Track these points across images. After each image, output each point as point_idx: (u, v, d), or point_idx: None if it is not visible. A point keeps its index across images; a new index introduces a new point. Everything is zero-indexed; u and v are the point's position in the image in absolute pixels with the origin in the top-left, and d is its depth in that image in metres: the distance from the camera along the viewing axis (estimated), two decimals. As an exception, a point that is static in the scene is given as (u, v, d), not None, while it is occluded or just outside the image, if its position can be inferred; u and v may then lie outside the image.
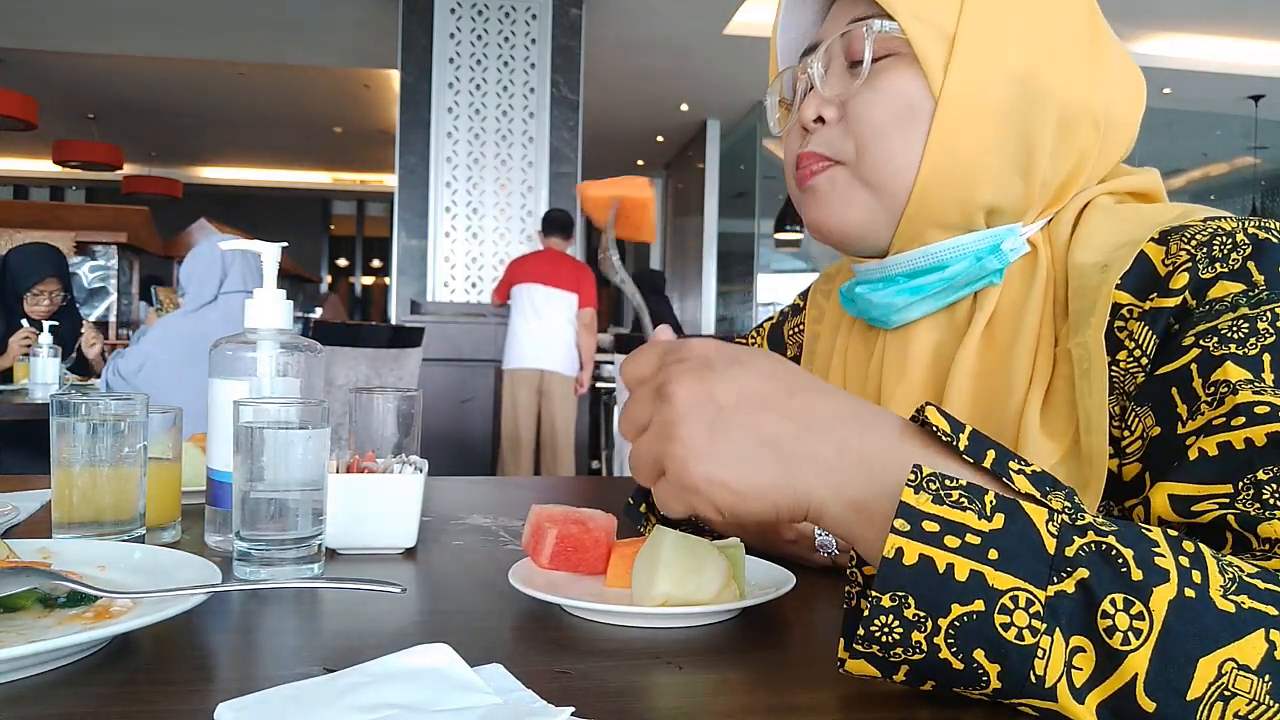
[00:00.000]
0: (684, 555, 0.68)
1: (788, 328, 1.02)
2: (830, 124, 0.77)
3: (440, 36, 6.19)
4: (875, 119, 0.74)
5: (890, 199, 0.75)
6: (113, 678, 0.56)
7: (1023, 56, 0.73)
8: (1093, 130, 0.75)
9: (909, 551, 0.48)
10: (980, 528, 0.48)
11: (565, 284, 4.92)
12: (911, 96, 0.73)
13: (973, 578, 0.47)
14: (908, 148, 0.74)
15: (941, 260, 0.76)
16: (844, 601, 0.56)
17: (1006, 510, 0.48)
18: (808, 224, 0.81)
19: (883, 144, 0.74)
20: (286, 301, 0.93)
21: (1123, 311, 0.68)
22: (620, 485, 1.68)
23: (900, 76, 0.74)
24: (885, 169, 0.75)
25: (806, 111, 0.78)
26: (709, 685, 0.58)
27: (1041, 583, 0.47)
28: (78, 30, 7.65)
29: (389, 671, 0.53)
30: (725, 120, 10.12)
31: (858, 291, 0.81)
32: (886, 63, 0.75)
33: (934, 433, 0.53)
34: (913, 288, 0.77)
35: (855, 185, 0.76)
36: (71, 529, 0.85)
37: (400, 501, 0.88)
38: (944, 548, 0.48)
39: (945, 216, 0.75)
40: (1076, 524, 0.49)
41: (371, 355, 3.80)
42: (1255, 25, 7.09)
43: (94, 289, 9.44)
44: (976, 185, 0.74)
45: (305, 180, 14.54)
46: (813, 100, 0.78)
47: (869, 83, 0.75)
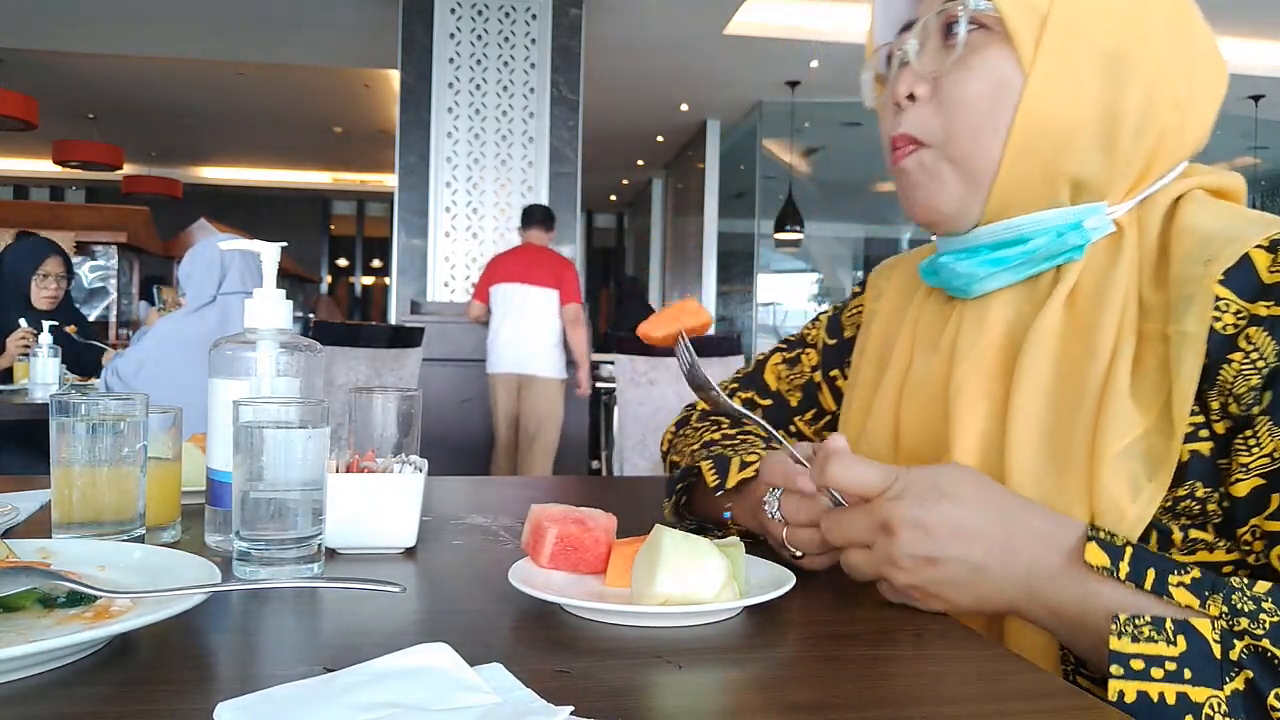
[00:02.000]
0: (684, 554, 0.68)
1: (846, 314, 1.06)
2: (922, 101, 0.80)
3: (440, 36, 6.19)
4: (966, 96, 0.78)
5: (978, 175, 0.79)
6: (112, 677, 0.56)
7: (1111, 34, 0.75)
8: (1173, 110, 0.77)
9: (1128, 691, 0.59)
10: (1172, 654, 0.59)
11: (545, 280, 4.72)
12: (1002, 73, 0.76)
13: (1179, 698, 0.58)
14: (996, 123, 0.77)
15: (1024, 233, 0.79)
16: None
17: (1184, 632, 0.60)
18: (901, 202, 0.85)
19: (972, 120, 0.77)
20: (286, 301, 0.93)
21: (1220, 304, 0.70)
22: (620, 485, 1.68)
23: (991, 53, 0.77)
24: (973, 145, 0.78)
25: (900, 87, 0.81)
26: (709, 684, 0.59)
27: (1219, 685, 0.58)
28: (78, 30, 7.65)
29: (389, 671, 0.53)
30: (725, 120, 10.11)
31: (941, 261, 0.84)
32: (978, 39, 0.78)
33: (1097, 570, 0.64)
34: (995, 259, 0.80)
35: (943, 164, 0.80)
36: (71, 529, 0.85)
37: (400, 501, 0.88)
38: (1152, 679, 0.59)
39: (1031, 189, 0.78)
40: (1234, 630, 0.59)
41: (371, 355, 3.80)
42: (1255, 25, 7.08)
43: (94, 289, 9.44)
44: (1062, 157, 0.77)
45: (305, 180, 14.53)
46: (906, 76, 0.81)
47: (962, 59, 0.78)
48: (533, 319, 4.74)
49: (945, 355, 0.84)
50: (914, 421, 0.86)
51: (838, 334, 1.05)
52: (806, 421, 1.07)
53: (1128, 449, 0.69)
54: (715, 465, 0.93)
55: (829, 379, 1.05)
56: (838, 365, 1.04)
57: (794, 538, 0.80)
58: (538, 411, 4.82)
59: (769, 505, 0.82)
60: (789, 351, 1.10)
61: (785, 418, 1.08)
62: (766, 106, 9.44)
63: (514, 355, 4.76)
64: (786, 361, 1.09)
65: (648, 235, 13.54)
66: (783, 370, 1.09)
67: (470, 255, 6.18)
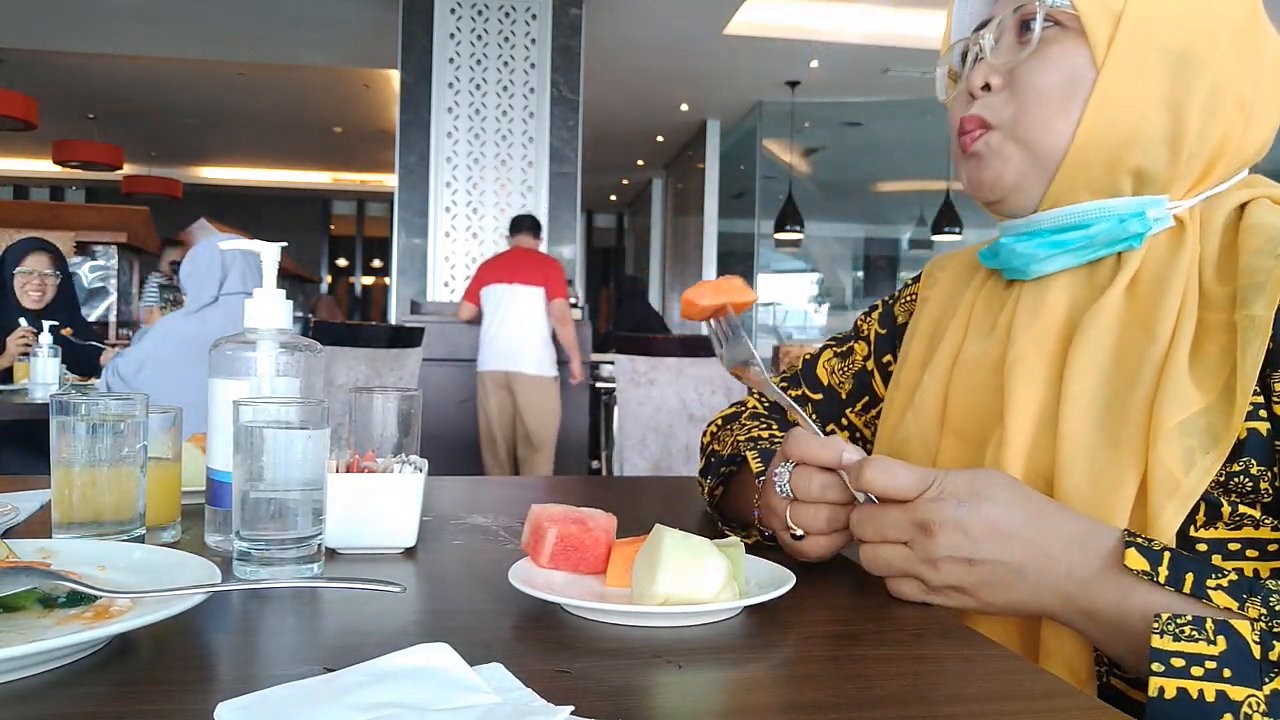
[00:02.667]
0: (684, 554, 0.68)
1: (899, 305, 1.07)
2: (995, 91, 0.83)
3: (440, 36, 6.19)
4: (1040, 86, 0.81)
5: (1044, 158, 0.81)
6: (112, 677, 0.56)
7: (1181, 35, 0.78)
8: (1238, 111, 0.80)
9: (1168, 688, 0.60)
10: (1212, 653, 0.60)
11: (530, 278, 4.78)
12: (1075, 66, 0.80)
13: (1219, 696, 0.59)
14: (1067, 114, 0.80)
15: (1086, 219, 0.81)
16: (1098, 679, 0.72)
17: (1224, 632, 0.61)
18: (966, 185, 0.88)
19: (1043, 109, 0.81)
20: (286, 301, 0.93)
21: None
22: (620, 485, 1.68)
23: (1066, 48, 0.80)
24: (1043, 131, 0.81)
25: (975, 78, 0.84)
26: (709, 684, 0.59)
27: (1259, 685, 0.59)
28: (78, 30, 7.65)
29: (389, 671, 0.53)
30: (725, 120, 10.11)
31: (1001, 243, 0.87)
32: (1052, 34, 0.81)
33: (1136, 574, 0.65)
34: (1055, 241, 0.82)
35: (1010, 144, 0.83)
36: (71, 529, 0.85)
37: (400, 501, 0.88)
38: (1191, 677, 0.60)
39: (1095, 178, 0.81)
40: (1273, 631, 0.61)
41: (371, 355, 3.80)
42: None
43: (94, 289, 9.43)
44: (1128, 150, 0.79)
45: (305, 180, 14.53)
46: (981, 68, 0.84)
47: (1036, 52, 0.81)
48: (519, 317, 4.79)
49: (1001, 335, 0.85)
50: (963, 399, 0.87)
51: (890, 323, 1.07)
52: (857, 412, 1.07)
53: (1185, 424, 0.70)
54: (761, 456, 0.93)
55: (881, 365, 1.06)
56: (890, 350, 1.05)
57: (798, 515, 0.80)
58: (530, 409, 4.83)
59: (779, 478, 0.82)
60: (840, 346, 1.11)
61: (836, 411, 1.09)
62: (766, 106, 9.44)
63: (502, 353, 4.80)
64: (838, 355, 1.10)
65: (648, 235, 13.54)
66: (835, 364, 1.10)
67: (470, 255, 6.18)
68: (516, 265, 4.85)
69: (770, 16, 7.22)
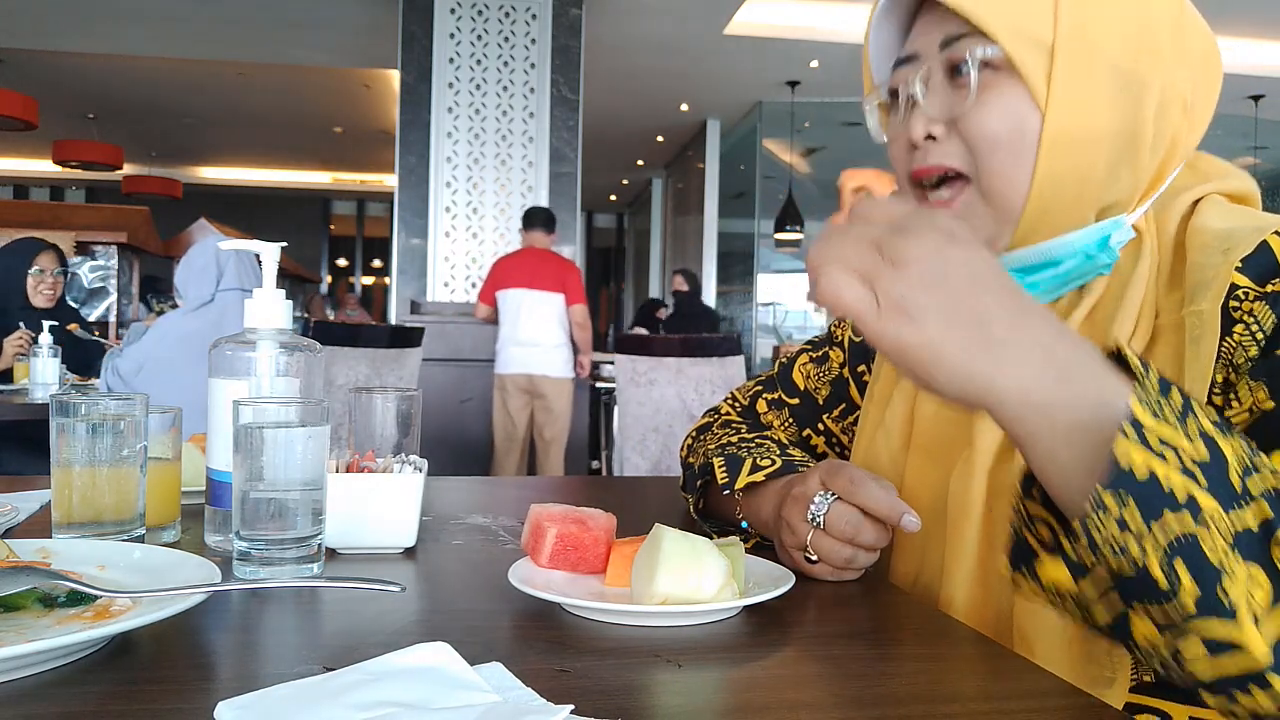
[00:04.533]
0: (683, 554, 0.68)
1: None
2: (941, 140, 0.79)
3: (440, 36, 6.18)
4: (988, 134, 0.76)
5: (1009, 211, 0.78)
6: (112, 677, 0.56)
7: (1120, 52, 0.75)
8: (1183, 114, 0.78)
9: (1139, 463, 0.49)
10: (1192, 453, 0.50)
11: (549, 285, 4.84)
12: (1019, 110, 0.75)
13: (1188, 498, 0.49)
14: (1021, 161, 0.76)
15: (1054, 256, 0.78)
16: (1013, 529, 0.58)
17: (1207, 442, 0.51)
18: None
19: (1000, 157, 0.76)
20: (286, 301, 0.93)
21: (1239, 292, 0.69)
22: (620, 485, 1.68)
23: (1005, 91, 0.76)
24: (1003, 182, 0.77)
25: (915, 130, 0.79)
26: (708, 684, 0.59)
27: (1228, 508, 0.50)
28: (78, 30, 7.65)
29: (388, 670, 0.53)
30: (725, 120, 10.12)
31: None
32: (988, 78, 0.76)
33: (1128, 368, 0.54)
34: (1027, 285, 0.78)
35: (979, 204, 0.78)
36: (71, 529, 0.85)
37: (400, 501, 0.88)
38: (1166, 463, 0.50)
39: (1060, 215, 0.77)
40: (1255, 466, 0.52)
41: (371, 355, 3.80)
42: (1255, 25, 7.09)
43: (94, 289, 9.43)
44: (1089, 183, 0.76)
45: (305, 180, 14.53)
46: (919, 119, 0.79)
47: (977, 100, 0.77)
48: (540, 322, 4.84)
49: None
50: (930, 419, 0.86)
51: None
52: (834, 418, 1.07)
53: None
54: (727, 463, 0.93)
55: (856, 374, 1.05)
56: (864, 360, 1.04)
57: (821, 545, 0.80)
58: (555, 411, 4.90)
59: (816, 507, 0.81)
60: (815, 351, 1.10)
61: (813, 416, 1.08)
62: (766, 106, 9.44)
63: (525, 357, 4.85)
64: (814, 360, 1.09)
65: (648, 235, 13.54)
66: (810, 369, 1.10)
67: (470, 255, 6.18)
68: (535, 270, 4.88)
69: (770, 16, 7.22)
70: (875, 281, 0.54)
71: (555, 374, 4.88)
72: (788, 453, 0.96)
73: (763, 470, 0.90)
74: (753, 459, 0.92)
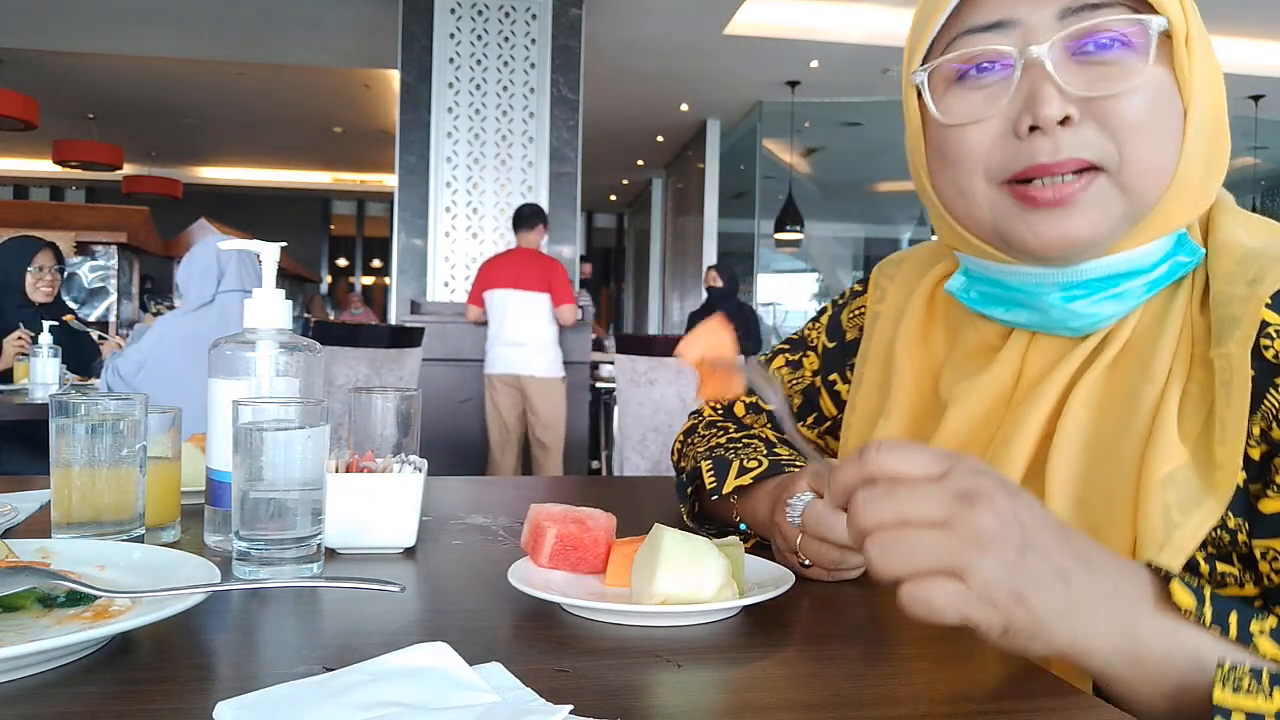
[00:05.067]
0: (683, 554, 0.68)
1: (846, 314, 1.02)
2: (1076, 125, 0.70)
3: (440, 36, 6.18)
4: (1139, 118, 0.69)
5: (1141, 206, 0.71)
6: (112, 677, 0.56)
7: (1206, 45, 0.72)
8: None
9: None
10: (1270, 709, 0.54)
11: (535, 285, 4.81)
12: (1168, 93, 0.70)
13: None
14: (1166, 150, 0.71)
15: (1140, 265, 0.73)
16: None
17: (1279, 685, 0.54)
18: (1033, 240, 0.72)
19: (1148, 147, 0.70)
20: (286, 301, 0.93)
21: (1270, 330, 0.66)
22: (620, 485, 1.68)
23: (1153, 74, 0.70)
24: (1147, 173, 0.70)
25: (1050, 110, 0.69)
26: (708, 684, 0.59)
27: None
28: (78, 30, 7.64)
29: (388, 670, 0.53)
30: (725, 120, 10.11)
31: (1049, 302, 0.74)
32: (1119, 55, 0.70)
33: (1180, 611, 0.57)
34: (1118, 294, 0.73)
35: (1115, 194, 0.71)
36: (71, 529, 0.85)
37: (400, 501, 0.88)
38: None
39: (1183, 216, 0.73)
40: None
41: (371, 355, 3.80)
42: (1255, 25, 7.08)
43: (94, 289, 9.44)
44: (1203, 192, 0.73)
45: (305, 180, 14.53)
46: (1053, 98, 0.69)
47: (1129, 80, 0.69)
48: (526, 322, 4.83)
49: (1000, 380, 0.78)
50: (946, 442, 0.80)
51: (838, 336, 1.02)
52: (808, 426, 1.05)
53: (1171, 477, 0.65)
54: (715, 467, 0.92)
55: (828, 383, 1.02)
56: (838, 370, 1.01)
57: (809, 549, 0.79)
58: (544, 411, 4.88)
59: (792, 509, 0.80)
60: (791, 354, 1.07)
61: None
62: (766, 106, 9.44)
63: (511, 357, 4.83)
64: (789, 364, 1.07)
65: (648, 235, 13.54)
66: (786, 374, 1.07)
67: (470, 255, 6.18)
68: (520, 270, 4.86)
69: (770, 16, 7.22)
70: (965, 574, 0.53)
71: (541, 374, 4.85)
72: (775, 451, 0.94)
73: (750, 473, 0.89)
74: (739, 461, 0.91)
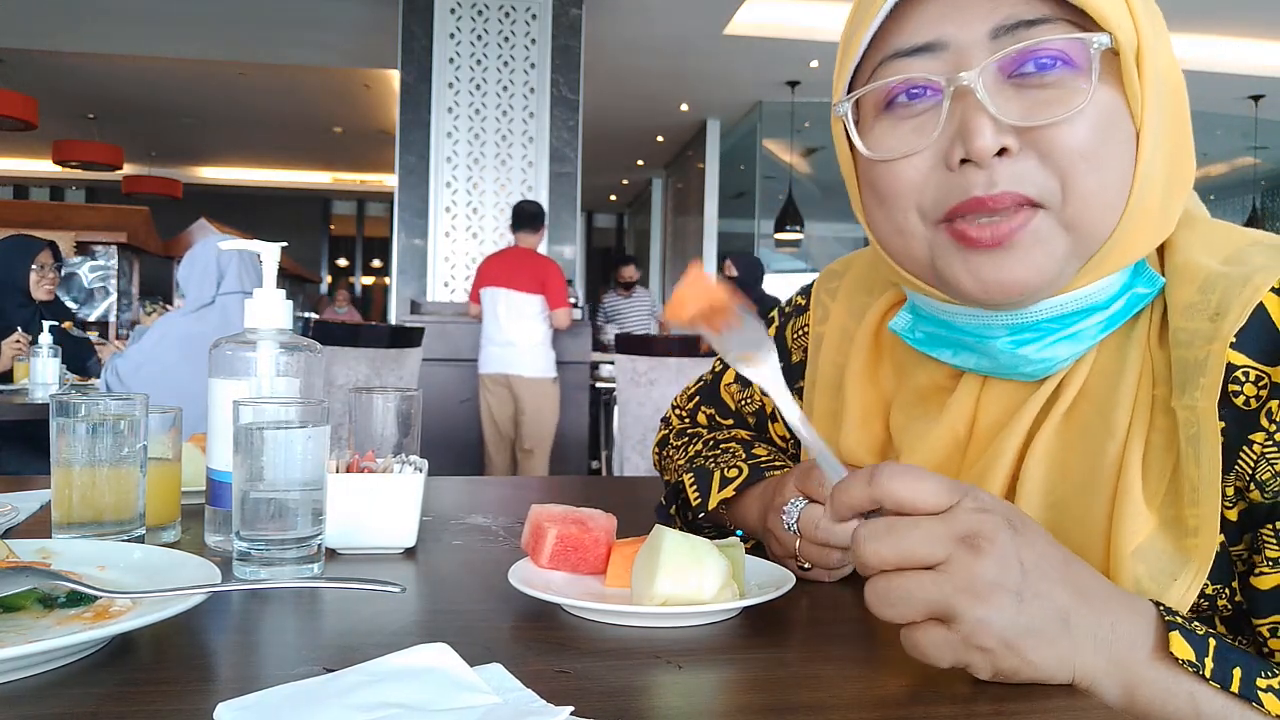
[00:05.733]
0: (684, 555, 0.68)
1: (791, 330, 0.97)
2: (1014, 156, 0.63)
3: (440, 36, 6.18)
4: (1086, 148, 0.62)
5: (1089, 243, 0.65)
6: (112, 678, 0.56)
7: (1169, 66, 0.66)
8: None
9: None
10: None
11: (529, 286, 4.78)
12: (1117, 119, 0.63)
13: None
14: (1117, 180, 0.64)
15: (1097, 301, 0.67)
16: None
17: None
18: (971, 285, 0.66)
19: (1093, 178, 0.63)
20: (286, 301, 0.93)
21: (1238, 374, 0.61)
22: (620, 485, 1.68)
23: (1099, 97, 0.62)
24: (1094, 208, 0.64)
25: (983, 140, 0.62)
26: (709, 685, 0.58)
27: None
28: (78, 30, 7.65)
29: (389, 671, 0.53)
30: (725, 120, 10.12)
31: (1000, 346, 0.69)
32: (1062, 76, 0.63)
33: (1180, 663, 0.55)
34: (1072, 335, 0.67)
35: (1057, 232, 0.64)
36: (71, 529, 0.85)
37: (400, 501, 0.88)
38: None
39: (1136, 250, 0.66)
40: None
41: (371, 355, 3.80)
42: (1255, 25, 7.09)
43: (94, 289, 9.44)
44: (1163, 220, 0.67)
45: (305, 180, 14.54)
46: (986, 127, 0.62)
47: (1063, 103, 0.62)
48: (518, 322, 4.80)
49: (954, 428, 0.73)
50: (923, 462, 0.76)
51: (785, 356, 0.96)
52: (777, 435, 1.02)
53: (1141, 550, 0.62)
54: (696, 480, 0.90)
55: None
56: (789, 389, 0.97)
57: (808, 553, 0.78)
58: (531, 411, 4.86)
59: (787, 515, 0.78)
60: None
61: (751, 432, 1.04)
62: (766, 106, 9.44)
63: (501, 356, 4.82)
64: (739, 380, 1.03)
65: (648, 235, 13.54)
66: (735, 390, 1.04)
67: (470, 255, 6.18)
68: (514, 269, 4.83)
69: (770, 16, 7.22)
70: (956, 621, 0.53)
71: (530, 374, 4.82)
72: (753, 454, 0.92)
73: (731, 483, 0.87)
74: (720, 471, 0.89)
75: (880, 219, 0.71)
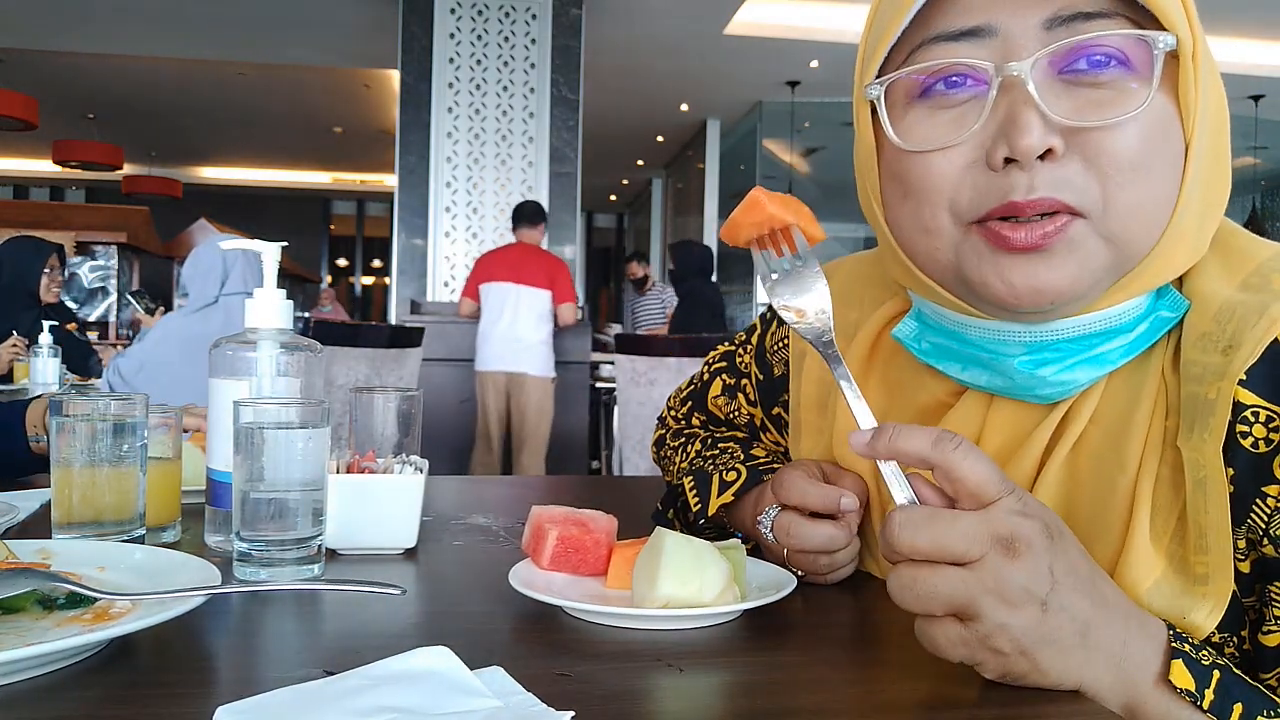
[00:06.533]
0: (685, 557, 0.67)
1: (770, 341, 0.94)
2: (1059, 158, 0.59)
3: (440, 36, 6.19)
4: (1135, 157, 0.59)
5: (1128, 259, 0.62)
6: (112, 680, 0.55)
7: (1212, 71, 0.62)
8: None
9: None
10: None
11: (537, 280, 4.71)
12: (1168, 126, 0.60)
13: None
14: (1163, 194, 0.60)
15: (1121, 323, 0.64)
16: None
17: None
18: (1013, 287, 0.62)
19: (1139, 190, 0.59)
20: (286, 301, 0.92)
21: (1246, 414, 0.58)
22: (620, 485, 1.68)
23: (1156, 100, 0.59)
24: (1137, 221, 0.60)
25: (1032, 138, 0.58)
26: (710, 688, 0.58)
27: None
28: (78, 30, 7.65)
29: (389, 674, 0.53)
30: (725, 120, 10.12)
31: (1016, 365, 0.65)
32: (1116, 77, 0.59)
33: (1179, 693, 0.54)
34: (1095, 358, 0.64)
35: (1096, 243, 0.61)
36: (71, 529, 0.85)
37: (400, 502, 0.88)
38: None
39: (1173, 268, 0.63)
40: None
41: (371, 355, 3.80)
42: (1255, 25, 7.09)
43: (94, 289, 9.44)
44: (1201, 237, 0.64)
45: (305, 180, 14.54)
46: (1034, 124, 0.58)
47: (1117, 106, 0.59)
48: (524, 318, 4.74)
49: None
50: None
51: (766, 369, 0.94)
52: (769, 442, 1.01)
53: (1150, 592, 0.60)
54: (696, 484, 0.89)
55: (773, 417, 0.95)
56: (774, 403, 0.94)
57: (795, 560, 0.77)
58: (529, 409, 4.82)
59: (763, 523, 0.78)
60: (729, 376, 1.01)
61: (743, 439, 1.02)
62: (766, 106, 9.44)
63: (504, 354, 4.76)
64: (726, 391, 1.01)
65: (648, 235, 13.54)
66: (721, 402, 1.02)
67: (470, 255, 6.18)
68: (521, 264, 4.76)
69: (770, 16, 7.22)
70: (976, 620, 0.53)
71: (534, 372, 4.78)
72: (751, 455, 0.90)
73: (730, 487, 0.85)
74: (719, 474, 0.87)
75: (905, 215, 0.66)
